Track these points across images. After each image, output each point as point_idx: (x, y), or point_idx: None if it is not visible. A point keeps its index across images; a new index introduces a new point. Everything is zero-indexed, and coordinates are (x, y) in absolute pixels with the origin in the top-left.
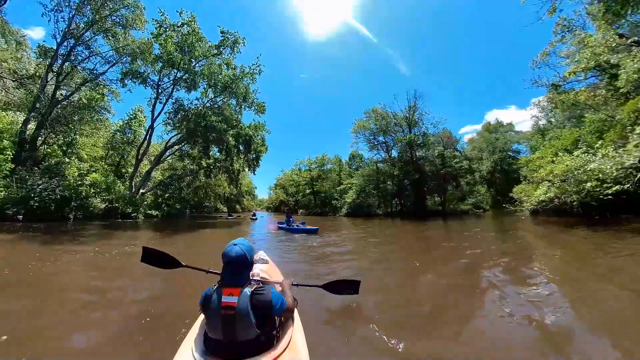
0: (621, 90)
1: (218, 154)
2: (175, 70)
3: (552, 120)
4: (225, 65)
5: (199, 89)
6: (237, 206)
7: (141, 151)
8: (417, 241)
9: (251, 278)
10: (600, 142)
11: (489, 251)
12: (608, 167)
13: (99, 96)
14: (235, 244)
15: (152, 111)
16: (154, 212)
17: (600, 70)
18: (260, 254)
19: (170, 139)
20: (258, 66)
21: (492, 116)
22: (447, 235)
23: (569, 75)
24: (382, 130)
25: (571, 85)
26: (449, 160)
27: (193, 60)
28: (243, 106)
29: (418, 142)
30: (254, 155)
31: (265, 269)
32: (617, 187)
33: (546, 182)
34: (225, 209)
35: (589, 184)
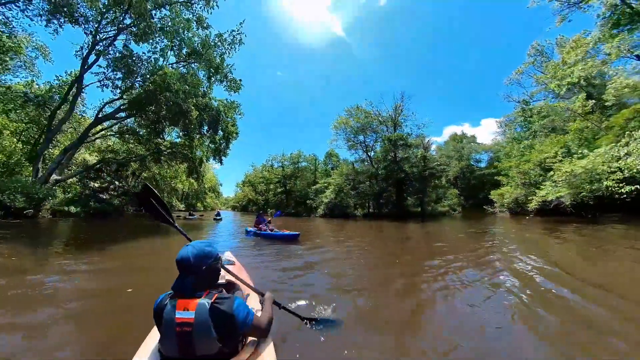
0: (607, 103)
1: (178, 139)
2: (124, 14)
3: (512, 132)
4: (195, 23)
5: (156, 47)
6: (199, 204)
7: (58, 117)
8: (425, 250)
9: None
10: (624, 141)
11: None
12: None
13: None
14: (188, 245)
15: (83, 63)
16: (72, 209)
17: (579, 86)
18: (227, 255)
19: (105, 104)
20: (239, 34)
21: (449, 131)
22: (456, 238)
23: (555, 87)
24: (363, 129)
25: (537, 103)
26: (431, 162)
27: (152, 5)
28: (213, 79)
29: (402, 142)
30: (223, 142)
31: (230, 271)
32: (630, 187)
33: (548, 182)
34: (182, 207)
35: (605, 183)
